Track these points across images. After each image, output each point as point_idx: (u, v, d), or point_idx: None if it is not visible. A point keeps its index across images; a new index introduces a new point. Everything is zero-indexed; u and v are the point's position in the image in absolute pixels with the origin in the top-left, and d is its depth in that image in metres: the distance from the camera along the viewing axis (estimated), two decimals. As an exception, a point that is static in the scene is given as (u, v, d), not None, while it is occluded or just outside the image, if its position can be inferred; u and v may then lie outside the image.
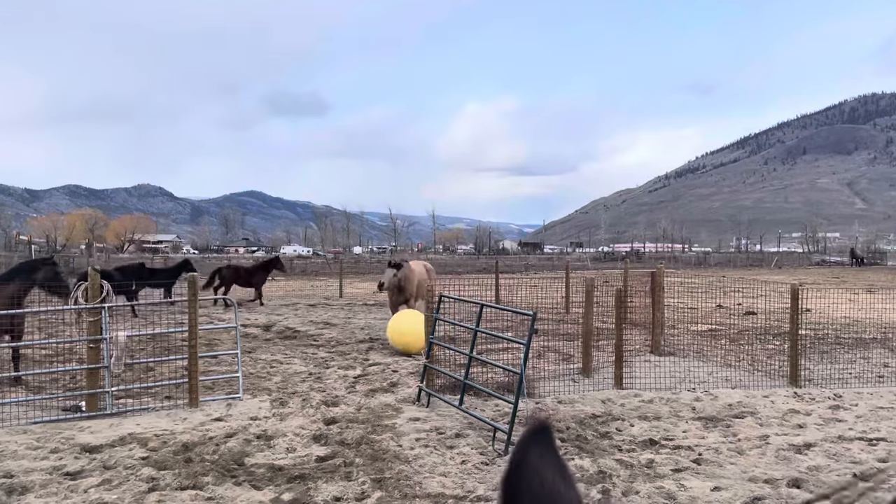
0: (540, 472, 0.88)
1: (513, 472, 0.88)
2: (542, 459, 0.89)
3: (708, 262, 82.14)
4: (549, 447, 0.92)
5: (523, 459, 0.89)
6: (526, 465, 0.88)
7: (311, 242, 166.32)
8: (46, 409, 9.34)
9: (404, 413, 9.08)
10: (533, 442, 0.91)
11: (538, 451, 0.90)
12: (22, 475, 6.52)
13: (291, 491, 6.20)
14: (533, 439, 0.91)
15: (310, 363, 12.95)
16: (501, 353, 12.98)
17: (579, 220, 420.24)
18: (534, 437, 0.91)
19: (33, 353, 13.13)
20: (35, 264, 11.41)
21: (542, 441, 0.92)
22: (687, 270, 52.54)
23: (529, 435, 0.92)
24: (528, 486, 0.87)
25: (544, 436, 0.92)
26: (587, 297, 11.40)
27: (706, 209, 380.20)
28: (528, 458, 0.89)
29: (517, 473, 0.88)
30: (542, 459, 0.89)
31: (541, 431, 0.92)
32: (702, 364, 12.50)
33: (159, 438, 7.79)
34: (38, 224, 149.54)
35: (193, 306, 9.70)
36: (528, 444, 0.90)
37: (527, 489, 0.87)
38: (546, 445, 0.91)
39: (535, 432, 0.92)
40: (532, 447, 0.90)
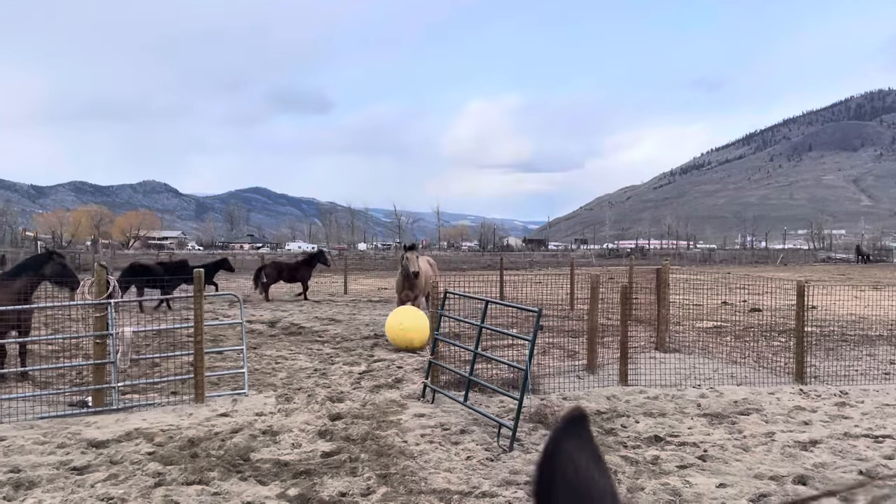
0: (575, 459, 0.88)
1: (547, 458, 0.88)
2: (577, 448, 0.89)
3: (713, 259, 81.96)
4: (584, 436, 0.91)
5: (558, 446, 0.89)
6: (560, 452, 0.88)
7: (316, 239, 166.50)
8: (53, 404, 9.39)
9: (409, 409, 9.09)
10: (568, 430, 0.91)
11: (573, 439, 0.90)
12: (29, 470, 6.56)
13: (297, 486, 6.22)
14: (568, 428, 0.91)
15: (315, 359, 12.98)
16: (506, 350, 12.97)
17: (584, 216, 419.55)
18: (569, 426, 0.91)
19: (40, 348, 13.18)
20: (42, 259, 11.44)
21: (577, 430, 0.91)
22: (692, 267, 52.44)
23: (565, 423, 0.91)
24: (563, 472, 0.87)
25: (580, 425, 0.92)
26: (592, 293, 11.39)
27: (711, 206, 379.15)
28: (562, 445, 0.89)
29: (551, 460, 0.88)
30: (577, 448, 0.89)
31: (576, 420, 0.92)
32: (707, 361, 12.49)
33: (165, 434, 7.82)
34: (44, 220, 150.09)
35: (199, 302, 9.73)
36: (563, 432, 0.90)
37: (561, 475, 0.87)
38: (581, 434, 0.91)
39: (571, 421, 0.92)
40: (567, 435, 0.90)
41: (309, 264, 26.37)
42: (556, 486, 0.86)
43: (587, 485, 0.87)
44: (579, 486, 0.86)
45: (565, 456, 0.88)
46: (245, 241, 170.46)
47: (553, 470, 0.87)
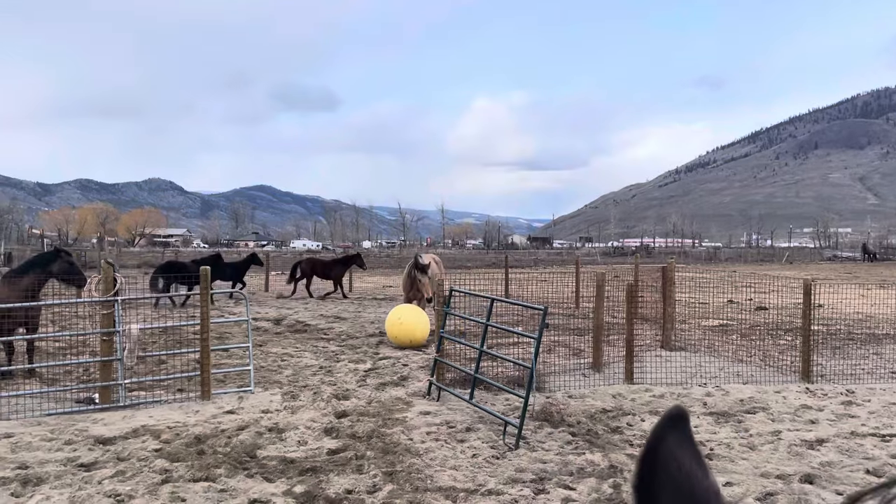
0: (678, 457, 0.87)
1: (649, 454, 0.87)
2: (679, 445, 0.89)
3: (718, 258, 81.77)
4: (685, 434, 0.91)
5: (660, 443, 0.88)
6: (663, 449, 0.87)
7: (321, 237, 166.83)
8: (60, 401, 9.42)
9: (415, 407, 9.10)
10: (670, 427, 0.90)
11: (675, 436, 0.89)
12: (37, 466, 6.58)
13: (303, 483, 6.23)
14: (671, 425, 0.90)
15: (320, 357, 13.00)
16: (511, 348, 12.97)
17: (589, 214, 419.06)
18: (671, 423, 0.90)
19: (47, 345, 13.24)
20: (50, 257, 11.48)
21: (679, 428, 0.91)
22: (697, 265, 52.31)
23: (667, 420, 0.91)
24: (665, 468, 0.86)
25: (681, 423, 0.91)
26: (598, 291, 11.38)
27: (717, 204, 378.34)
28: (665, 442, 0.88)
29: (654, 456, 0.87)
30: (679, 445, 0.89)
31: (678, 418, 0.91)
32: (713, 359, 12.46)
33: (172, 431, 7.84)
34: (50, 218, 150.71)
35: (205, 300, 9.75)
36: (665, 430, 0.89)
37: (663, 471, 0.86)
38: (683, 433, 0.91)
39: (673, 418, 0.91)
40: (670, 432, 0.89)
41: (344, 264, 26.63)
42: (660, 481, 0.86)
43: (691, 482, 0.86)
44: (683, 483, 0.86)
45: (668, 452, 0.87)
46: (250, 238, 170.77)
47: (656, 465, 0.87)
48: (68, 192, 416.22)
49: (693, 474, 0.87)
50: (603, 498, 5.94)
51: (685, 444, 0.90)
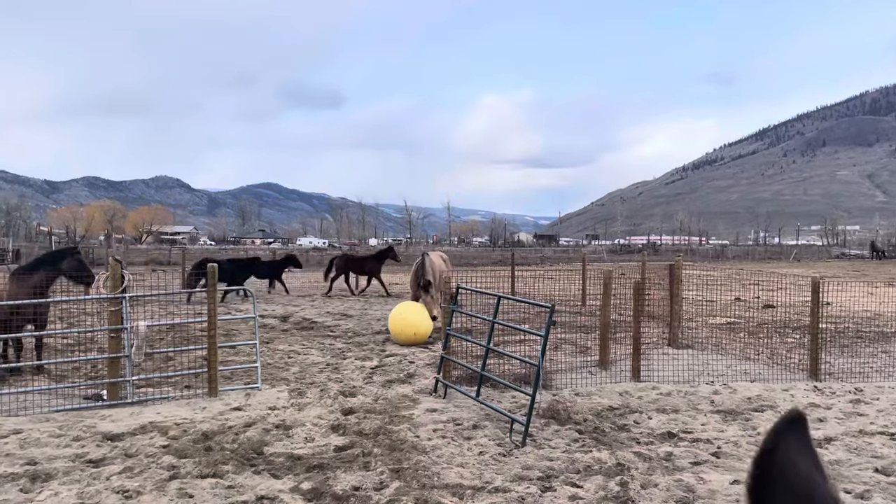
0: (795, 460, 0.86)
1: (765, 457, 0.86)
2: (796, 449, 0.87)
3: (726, 255, 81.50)
4: (803, 438, 0.89)
5: (777, 446, 0.86)
6: (780, 452, 0.86)
7: (327, 234, 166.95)
8: (68, 397, 9.46)
9: (421, 404, 9.11)
10: (788, 430, 0.89)
11: (793, 440, 0.88)
12: (45, 462, 6.62)
13: (310, 480, 6.24)
14: (788, 428, 0.89)
15: (327, 354, 13.02)
16: (518, 345, 12.95)
17: (595, 212, 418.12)
18: (789, 426, 0.89)
19: (55, 342, 13.29)
20: (60, 254, 11.53)
21: (796, 431, 0.89)
22: (704, 263, 52.16)
23: (784, 423, 0.89)
24: (782, 472, 0.85)
25: (799, 426, 0.90)
26: (605, 289, 11.36)
27: (724, 201, 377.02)
28: (782, 445, 0.87)
29: (770, 459, 0.85)
30: (796, 449, 0.87)
31: (796, 421, 0.90)
32: (720, 357, 12.43)
33: (179, 427, 7.87)
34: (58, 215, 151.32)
35: (213, 297, 9.78)
36: (782, 433, 0.88)
37: (780, 475, 0.84)
38: (801, 436, 0.89)
39: (790, 421, 0.90)
40: (787, 435, 0.88)
41: (378, 259, 26.30)
42: (776, 485, 0.84)
43: (809, 487, 0.84)
44: (801, 489, 0.84)
45: (785, 456, 0.86)
46: (256, 236, 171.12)
47: (773, 468, 0.85)
48: (76, 189, 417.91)
49: (812, 479, 0.85)
50: (610, 496, 5.93)
51: (803, 447, 0.88)
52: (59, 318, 16.08)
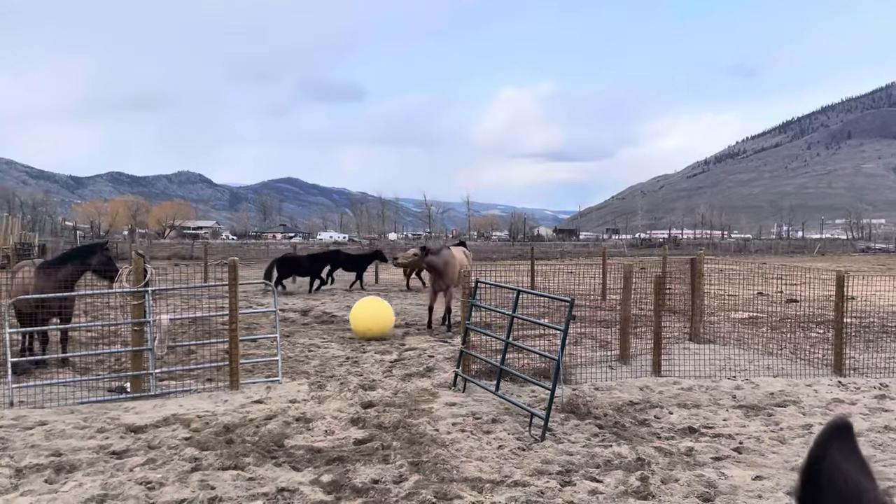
0: (843, 468, 0.85)
1: (812, 465, 0.85)
2: (844, 456, 0.86)
3: (748, 249, 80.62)
4: (851, 445, 0.88)
5: (824, 454, 0.85)
6: (827, 460, 0.85)
7: (347, 229, 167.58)
8: (93, 389, 9.60)
9: (441, 398, 9.12)
10: (834, 438, 0.88)
11: (840, 447, 0.87)
12: (70, 454, 6.72)
13: (330, 473, 6.28)
14: (834, 435, 0.88)
15: (346, 347, 13.08)
16: (537, 340, 12.93)
17: (616, 206, 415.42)
18: (835, 433, 0.88)
19: (80, 335, 13.48)
20: (91, 249, 11.66)
21: (843, 438, 0.88)
22: (726, 257, 51.64)
23: (831, 430, 0.89)
24: (830, 480, 0.84)
25: (845, 433, 0.89)
26: (625, 283, 11.29)
27: (746, 195, 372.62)
28: (829, 452, 0.86)
29: (817, 467, 0.84)
30: (844, 456, 0.86)
31: (843, 428, 0.89)
32: (742, 352, 12.30)
33: (201, 419, 7.95)
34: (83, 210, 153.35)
35: (234, 291, 9.85)
36: (829, 440, 0.87)
37: (827, 483, 0.84)
38: (848, 443, 0.88)
39: (837, 428, 0.89)
40: (833, 443, 0.87)
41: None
42: (824, 494, 0.83)
43: (858, 495, 0.83)
44: (850, 497, 0.83)
45: (833, 464, 0.85)
46: (278, 230, 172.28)
47: (820, 477, 0.84)
48: (100, 184, 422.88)
49: (861, 486, 0.84)
50: (630, 490, 5.90)
51: (851, 454, 0.86)
52: (83, 311, 16.29)
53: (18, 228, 48.28)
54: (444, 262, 15.41)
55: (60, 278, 10.85)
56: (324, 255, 26.35)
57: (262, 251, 61.40)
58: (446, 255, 15.63)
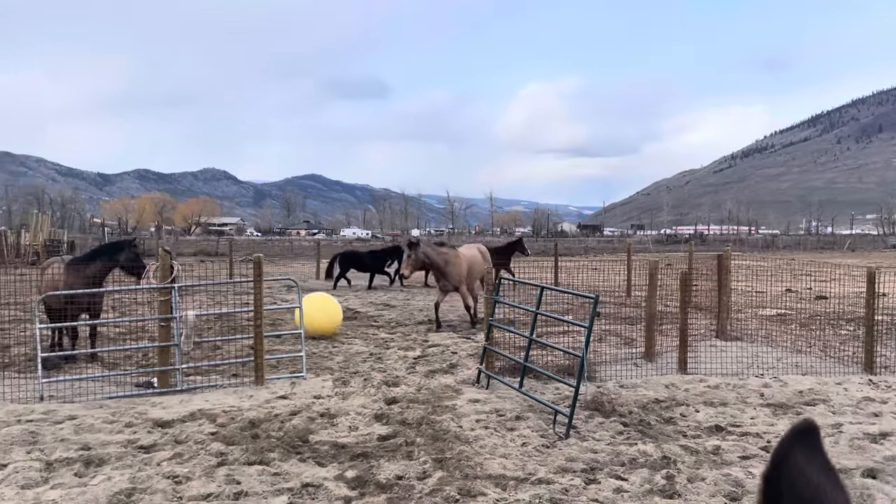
0: (806, 472, 0.83)
1: (775, 468, 0.83)
2: (807, 460, 0.84)
3: (776, 245, 79.52)
4: (815, 448, 0.86)
5: (786, 458, 0.84)
6: (790, 463, 0.84)
7: (370, 225, 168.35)
8: (121, 384, 9.74)
9: (464, 394, 9.10)
10: (797, 441, 0.86)
11: (804, 451, 0.85)
12: (99, 448, 6.82)
13: (355, 468, 6.30)
14: (797, 438, 0.86)
15: (370, 344, 13.12)
16: (561, 337, 12.85)
17: (640, 201, 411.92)
18: (798, 437, 0.87)
19: (108, 331, 13.68)
20: (119, 246, 11.81)
21: (807, 441, 0.87)
22: (754, 253, 50.99)
23: (794, 434, 0.87)
24: (792, 485, 0.82)
25: (810, 436, 0.87)
26: (651, 279, 11.18)
27: (774, 190, 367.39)
28: (792, 456, 0.84)
29: (779, 471, 0.83)
30: (807, 460, 0.84)
31: (806, 431, 0.88)
32: (770, 349, 12.12)
33: (227, 415, 8.02)
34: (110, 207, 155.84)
35: (259, 287, 9.92)
36: (791, 443, 0.86)
37: (789, 488, 0.82)
38: (812, 446, 0.86)
39: (800, 432, 0.87)
40: (797, 446, 0.85)
41: (506, 251, 24.83)
42: (784, 498, 0.82)
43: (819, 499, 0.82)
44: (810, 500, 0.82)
45: (795, 468, 0.83)
46: (301, 227, 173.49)
47: (781, 482, 0.83)
48: (127, 182, 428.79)
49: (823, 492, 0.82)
50: (656, 489, 5.84)
51: (815, 458, 0.85)
52: (111, 307, 16.53)
53: (48, 225, 49.09)
54: (444, 261, 14.92)
55: (89, 275, 11.01)
56: (384, 252, 26.03)
57: (286, 248, 61.91)
58: (448, 254, 15.23)
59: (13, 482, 5.92)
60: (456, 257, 15.36)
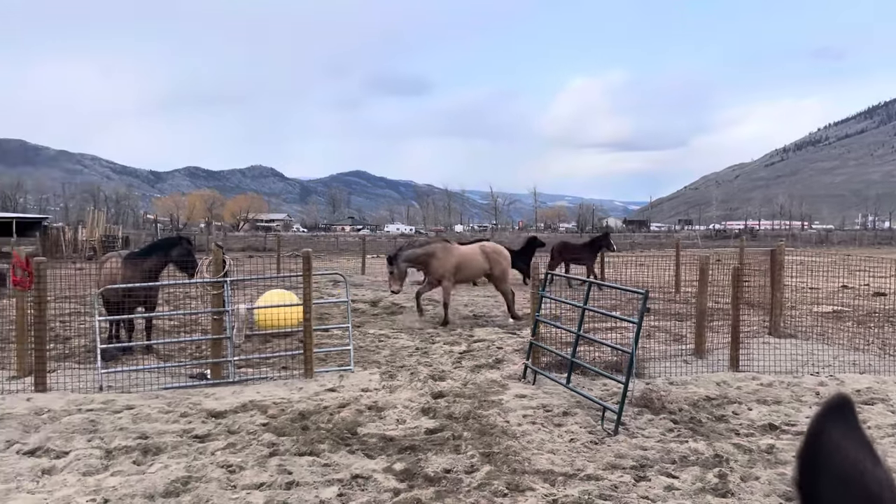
0: (842, 446, 0.81)
1: (810, 446, 0.81)
2: (843, 434, 0.82)
3: (830, 241, 77.14)
4: (850, 422, 0.84)
5: (821, 434, 0.82)
6: (825, 440, 0.81)
7: (414, 221, 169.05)
8: (175, 375, 10.00)
9: (510, 389, 9.09)
10: (832, 416, 0.84)
11: (839, 425, 0.83)
12: (155, 437, 7.02)
13: (403, 461, 6.35)
14: (832, 413, 0.84)
15: (416, 338, 13.18)
16: (608, 333, 12.71)
17: (688, 196, 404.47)
18: (832, 411, 0.85)
19: (163, 323, 14.06)
20: (172, 242, 12.10)
21: (842, 415, 0.85)
22: (807, 249, 49.59)
23: (828, 409, 0.85)
24: (828, 460, 0.80)
25: (845, 410, 0.85)
26: (701, 275, 10.98)
27: (828, 184, 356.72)
28: (827, 431, 0.82)
29: (815, 448, 0.81)
30: (843, 434, 0.82)
31: (841, 406, 0.85)
32: (825, 347, 11.78)
33: (278, 406, 8.17)
34: (162, 204, 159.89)
35: (308, 281, 10.06)
36: (826, 418, 0.83)
37: (825, 463, 0.80)
38: (847, 420, 0.84)
39: (835, 406, 0.85)
40: (831, 421, 0.83)
41: (592, 247, 23.64)
42: (822, 474, 0.80)
43: (858, 474, 0.80)
44: (849, 476, 0.79)
45: (831, 443, 0.81)
46: (346, 223, 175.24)
47: (817, 458, 0.81)
48: (178, 179, 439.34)
49: (861, 466, 0.79)
50: (708, 487, 5.75)
51: (850, 432, 0.82)
52: (165, 301, 16.96)
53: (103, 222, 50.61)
54: (427, 256, 14.98)
55: (146, 269, 11.33)
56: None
57: (331, 244, 62.61)
58: (434, 249, 15.15)
59: (75, 469, 6.14)
60: (444, 252, 15.10)
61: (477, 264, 15.17)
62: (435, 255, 15.03)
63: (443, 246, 15.44)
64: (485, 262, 15.25)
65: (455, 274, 15.10)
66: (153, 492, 5.57)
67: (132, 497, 5.47)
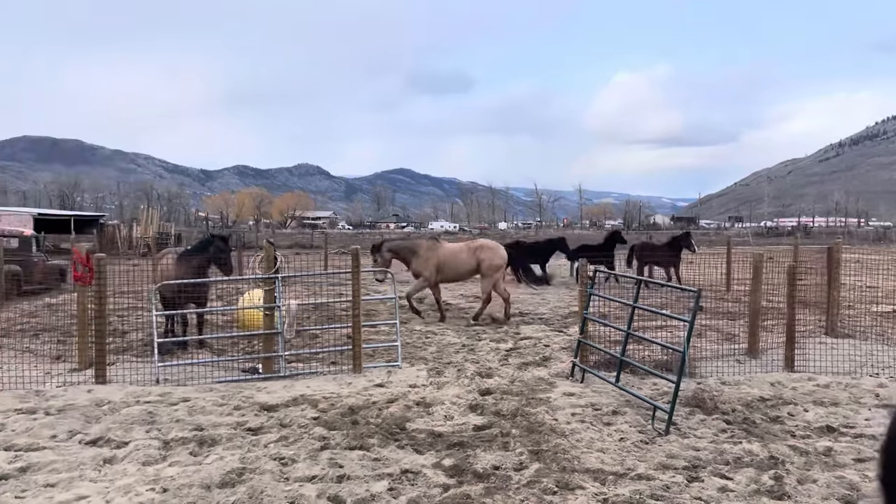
0: None
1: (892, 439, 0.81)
2: None
3: (889, 238, 74.50)
4: None
5: None
6: None
7: (458, 218, 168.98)
8: (228, 369, 10.24)
9: (558, 387, 9.04)
10: None
11: None
12: (210, 429, 7.20)
13: (451, 457, 6.38)
14: None
15: (462, 335, 13.22)
16: (657, 331, 12.54)
17: (739, 192, 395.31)
18: None
19: (216, 318, 14.38)
20: (209, 240, 12.31)
21: None
22: (864, 246, 48.02)
23: None
24: None
25: None
26: (755, 273, 10.74)
27: (886, 180, 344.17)
28: None
29: None
30: None
31: None
32: (886, 348, 11.40)
33: (328, 401, 8.29)
34: (212, 202, 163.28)
35: (356, 278, 10.18)
36: None
37: None
38: None
39: None
40: None
41: (672, 247, 22.43)
42: None
43: None
44: None
45: None
46: (391, 220, 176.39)
47: None
48: (227, 177, 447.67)
49: None
50: (763, 489, 5.63)
51: None
52: (217, 296, 17.35)
53: (157, 219, 52.00)
54: (409, 249, 15.29)
55: (197, 266, 11.60)
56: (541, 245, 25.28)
57: (376, 240, 63.08)
58: (418, 245, 15.29)
59: (135, 459, 6.34)
60: (426, 250, 15.06)
61: (462, 263, 15.02)
62: (416, 251, 15.15)
63: (427, 243, 15.47)
64: (471, 259, 15.04)
65: (437, 272, 15.03)
66: (210, 482, 5.71)
67: (189, 487, 5.62)
